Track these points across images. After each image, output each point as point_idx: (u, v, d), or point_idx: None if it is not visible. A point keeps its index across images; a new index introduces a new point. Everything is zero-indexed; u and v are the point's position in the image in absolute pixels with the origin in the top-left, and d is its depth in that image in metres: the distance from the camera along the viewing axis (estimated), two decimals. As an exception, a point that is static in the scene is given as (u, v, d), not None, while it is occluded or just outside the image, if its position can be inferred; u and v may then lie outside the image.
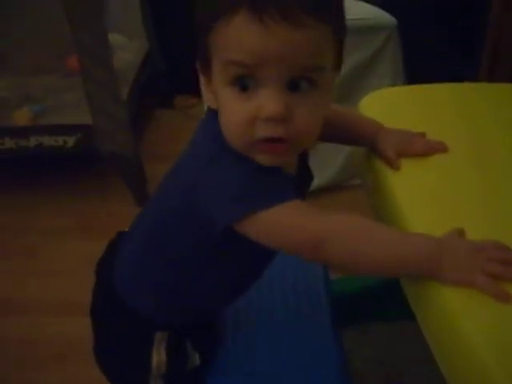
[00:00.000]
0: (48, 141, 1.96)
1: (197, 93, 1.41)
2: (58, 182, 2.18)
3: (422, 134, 0.88)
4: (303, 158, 0.82)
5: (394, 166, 0.84)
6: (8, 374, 1.43)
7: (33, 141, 1.96)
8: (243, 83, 0.64)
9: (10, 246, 1.89)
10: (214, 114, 0.70)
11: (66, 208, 2.04)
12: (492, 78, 1.97)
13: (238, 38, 0.62)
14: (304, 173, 0.82)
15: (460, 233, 0.65)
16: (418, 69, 1.95)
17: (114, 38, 2.44)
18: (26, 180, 2.21)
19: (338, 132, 0.92)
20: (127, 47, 2.46)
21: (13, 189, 2.16)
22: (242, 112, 0.65)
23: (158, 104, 2.57)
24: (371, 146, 0.89)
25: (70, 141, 1.96)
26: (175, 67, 2.47)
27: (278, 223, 0.66)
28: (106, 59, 1.85)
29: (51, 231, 1.93)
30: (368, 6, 1.92)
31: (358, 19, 1.81)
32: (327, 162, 1.95)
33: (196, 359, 0.86)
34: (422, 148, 0.85)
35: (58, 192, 2.12)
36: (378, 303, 1.34)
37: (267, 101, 0.63)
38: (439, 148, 0.86)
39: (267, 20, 0.60)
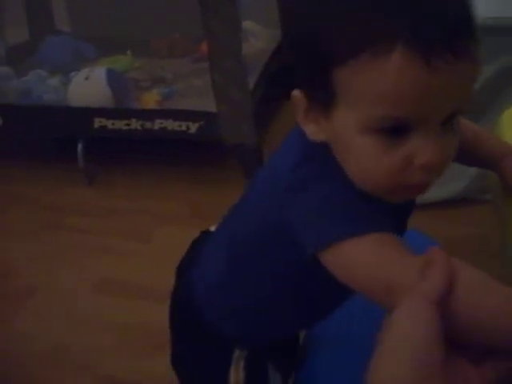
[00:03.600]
0: (172, 125, 1.96)
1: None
2: (178, 166, 2.18)
3: None
4: None
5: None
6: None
7: (157, 124, 1.97)
8: (391, 130, 0.54)
9: (126, 228, 1.92)
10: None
11: (180, 195, 2.04)
12: None
13: (396, 86, 0.51)
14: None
15: None
16: None
17: (249, 24, 2.41)
18: (146, 162, 2.23)
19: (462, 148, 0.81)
20: (261, 35, 2.41)
21: (132, 169, 2.19)
22: (390, 161, 0.55)
23: (286, 95, 2.50)
24: (496, 171, 0.79)
25: (193, 127, 1.95)
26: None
27: (357, 256, 0.56)
28: (235, 47, 1.81)
29: (165, 217, 1.93)
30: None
31: (502, 18, 1.62)
32: (457, 173, 1.78)
33: (278, 381, 0.79)
34: None
35: (174, 177, 2.12)
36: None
37: (425, 148, 0.53)
38: None
39: (436, 61, 0.49)
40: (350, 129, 0.55)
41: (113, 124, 2.00)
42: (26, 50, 2.44)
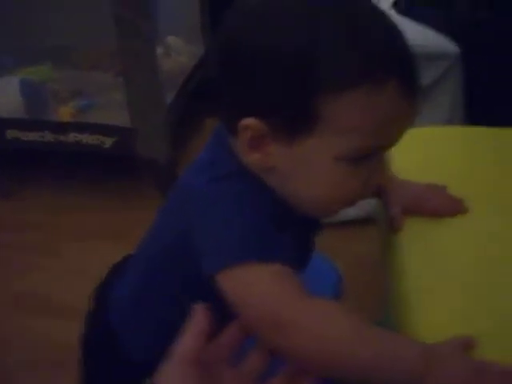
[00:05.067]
0: (86, 139, 1.93)
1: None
2: (94, 180, 2.15)
3: (443, 188, 0.78)
4: None
5: (395, 225, 0.75)
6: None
7: (71, 137, 1.94)
8: (362, 157, 0.57)
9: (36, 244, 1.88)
10: (222, 147, 0.63)
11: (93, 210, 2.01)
12: None
13: (388, 118, 0.54)
14: None
15: (466, 344, 0.54)
16: (482, 103, 1.81)
17: (172, 40, 2.41)
18: (59, 176, 2.19)
19: None
20: (183, 50, 2.42)
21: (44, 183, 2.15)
22: (355, 184, 0.58)
23: (208, 111, 2.51)
24: (380, 197, 0.80)
25: (108, 141, 1.92)
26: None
27: (250, 284, 0.56)
28: (151, 62, 1.80)
29: (76, 231, 1.90)
30: (430, 33, 1.79)
31: (417, 45, 1.69)
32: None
33: None
34: (437, 207, 0.76)
35: (87, 193, 2.09)
36: None
37: (379, 170, 0.59)
38: (457, 208, 0.76)
39: (415, 95, 0.56)
40: (322, 155, 0.56)
41: (26, 136, 1.96)
42: None
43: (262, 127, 0.56)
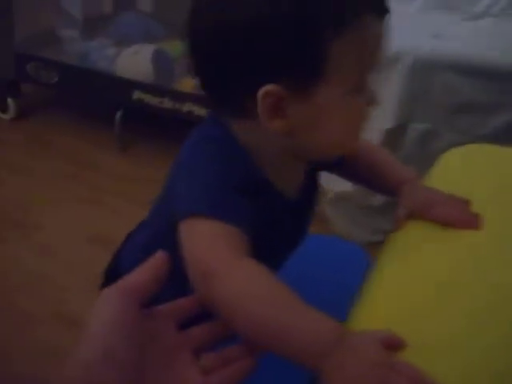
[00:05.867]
0: (198, 111, 2.08)
1: None
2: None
3: (466, 202, 0.74)
4: (314, 180, 0.79)
5: (395, 225, 0.74)
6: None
7: (186, 106, 2.10)
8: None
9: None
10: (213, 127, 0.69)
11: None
12: None
13: (378, 39, 0.63)
14: (309, 197, 0.79)
15: (389, 340, 0.50)
16: None
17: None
18: (174, 138, 2.32)
19: (364, 172, 0.86)
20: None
21: (155, 143, 2.30)
22: (360, 114, 0.66)
23: None
24: (396, 197, 0.79)
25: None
26: None
27: (194, 233, 0.61)
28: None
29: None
30: None
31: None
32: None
33: None
34: (446, 215, 0.71)
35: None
36: None
37: (376, 91, 0.66)
38: (468, 222, 0.71)
39: (385, 18, 0.63)
40: (333, 96, 0.62)
41: (149, 98, 2.15)
42: (104, 21, 2.64)
43: (279, 90, 0.61)
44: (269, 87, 0.60)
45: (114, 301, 0.51)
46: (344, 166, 0.84)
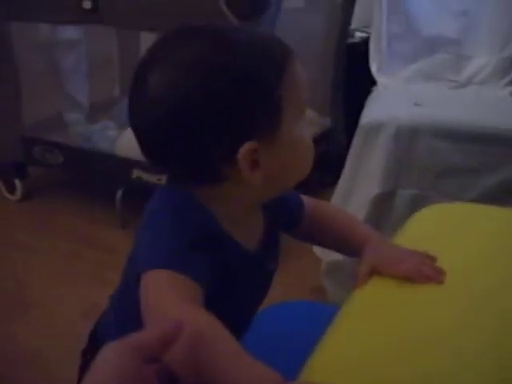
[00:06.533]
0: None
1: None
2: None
3: (429, 257, 0.77)
4: (274, 237, 0.81)
5: (357, 282, 0.77)
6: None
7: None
8: None
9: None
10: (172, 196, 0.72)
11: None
12: None
13: (302, 76, 0.70)
14: (268, 251, 0.80)
15: None
16: None
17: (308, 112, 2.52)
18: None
19: (326, 233, 0.88)
20: (316, 122, 2.52)
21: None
22: (310, 139, 0.73)
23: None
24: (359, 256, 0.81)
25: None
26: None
27: (149, 287, 0.63)
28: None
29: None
30: None
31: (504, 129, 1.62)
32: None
33: None
34: (408, 271, 0.74)
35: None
36: None
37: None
38: (431, 277, 0.74)
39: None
40: (294, 129, 0.69)
41: (147, 177, 2.21)
42: (110, 105, 2.74)
43: (255, 144, 0.66)
44: (248, 145, 0.65)
45: (115, 355, 0.52)
46: (302, 226, 0.87)
